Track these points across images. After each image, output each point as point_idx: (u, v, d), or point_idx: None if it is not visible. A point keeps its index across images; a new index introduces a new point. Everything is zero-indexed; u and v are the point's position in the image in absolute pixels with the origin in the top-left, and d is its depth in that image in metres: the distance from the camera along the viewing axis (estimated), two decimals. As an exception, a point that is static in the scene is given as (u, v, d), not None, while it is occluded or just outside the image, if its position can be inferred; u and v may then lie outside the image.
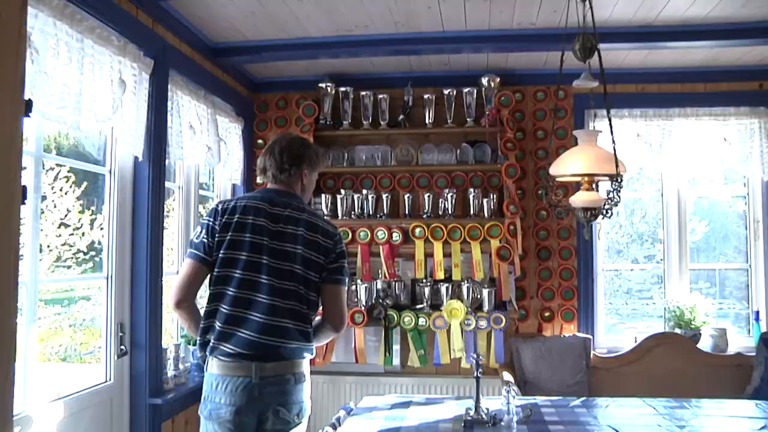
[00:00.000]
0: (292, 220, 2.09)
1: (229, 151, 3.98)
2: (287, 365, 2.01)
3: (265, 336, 1.98)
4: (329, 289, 2.10)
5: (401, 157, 4.18)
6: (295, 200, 2.19)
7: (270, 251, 2.03)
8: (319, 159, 2.31)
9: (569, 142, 4.00)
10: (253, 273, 2.00)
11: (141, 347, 2.92)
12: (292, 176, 2.21)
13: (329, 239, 2.12)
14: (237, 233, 2.03)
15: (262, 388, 1.97)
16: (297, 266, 2.05)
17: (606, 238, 4.36)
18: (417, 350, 3.91)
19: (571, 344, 3.90)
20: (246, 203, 2.11)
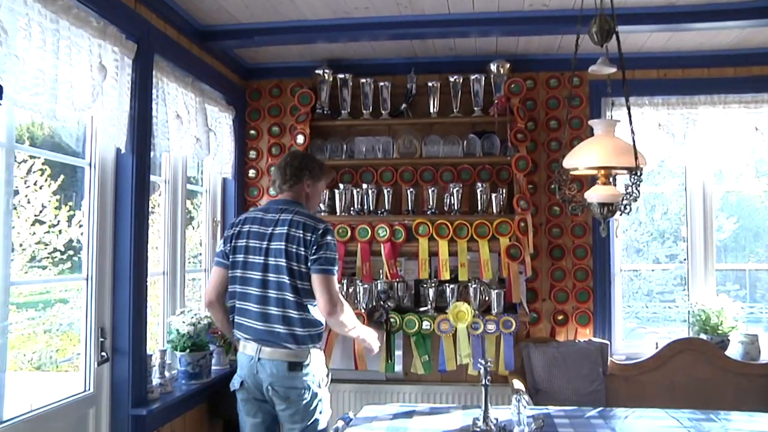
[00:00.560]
0: (280, 221, 2.60)
1: (219, 143, 3.97)
2: (283, 352, 2.54)
3: (259, 322, 2.56)
4: (314, 279, 2.55)
5: (404, 149, 4.18)
6: (294, 206, 2.67)
7: (259, 250, 2.58)
8: (322, 171, 2.80)
9: (585, 133, 4.00)
10: (248, 270, 2.59)
11: (123, 353, 2.91)
12: (294, 186, 2.74)
13: (310, 232, 2.56)
14: (239, 239, 2.64)
15: (260, 368, 2.56)
16: (282, 260, 2.54)
17: (624, 236, 4.35)
18: (421, 356, 3.91)
19: (587, 350, 3.88)
20: (249, 214, 2.71)
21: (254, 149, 4.39)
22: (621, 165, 2.44)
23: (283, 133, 4.36)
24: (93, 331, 2.85)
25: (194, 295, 4.03)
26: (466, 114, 4.11)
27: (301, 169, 2.74)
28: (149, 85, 3.07)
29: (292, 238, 2.56)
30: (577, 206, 2.59)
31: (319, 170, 2.79)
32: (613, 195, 2.49)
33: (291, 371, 2.54)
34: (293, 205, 2.68)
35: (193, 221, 4.07)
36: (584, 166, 2.51)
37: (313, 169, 2.77)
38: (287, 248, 2.56)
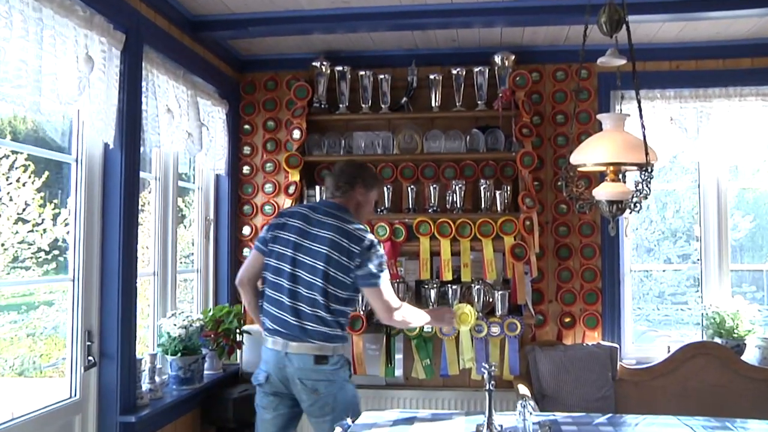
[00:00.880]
0: (326, 225, 2.73)
1: (212, 138, 3.97)
2: (309, 346, 2.67)
3: (291, 317, 2.68)
4: (366, 291, 2.73)
5: (404, 144, 4.18)
6: (341, 212, 2.80)
7: (298, 247, 2.72)
8: (375, 181, 2.95)
9: (593, 128, 4.00)
10: (284, 263, 2.72)
11: (112, 358, 2.90)
12: (346, 194, 2.87)
13: (356, 244, 2.67)
14: (283, 231, 2.77)
15: (288, 361, 2.68)
16: (320, 263, 2.67)
17: (634, 235, 4.34)
18: (422, 360, 3.91)
19: (595, 354, 3.87)
20: (298, 209, 2.86)
21: (249, 145, 4.38)
22: (631, 161, 2.43)
23: (279, 128, 4.35)
24: (79, 335, 2.83)
25: (186, 296, 4.03)
26: (469, 108, 4.10)
27: (354, 177, 2.87)
28: (138, 77, 3.06)
29: (336, 246, 2.68)
30: (585, 204, 2.58)
31: (372, 180, 2.93)
32: (622, 192, 2.48)
33: (317, 364, 2.68)
34: (342, 212, 2.80)
35: (184, 220, 4.07)
36: (592, 162, 2.51)
37: (366, 178, 2.90)
38: (329, 254, 2.68)
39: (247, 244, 4.30)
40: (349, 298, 2.76)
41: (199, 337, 3.55)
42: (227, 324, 3.75)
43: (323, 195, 3.90)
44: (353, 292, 2.75)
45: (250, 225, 4.33)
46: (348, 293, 2.73)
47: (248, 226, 4.32)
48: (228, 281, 4.19)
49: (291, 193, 4.04)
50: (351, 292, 2.74)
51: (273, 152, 4.33)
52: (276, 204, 4.30)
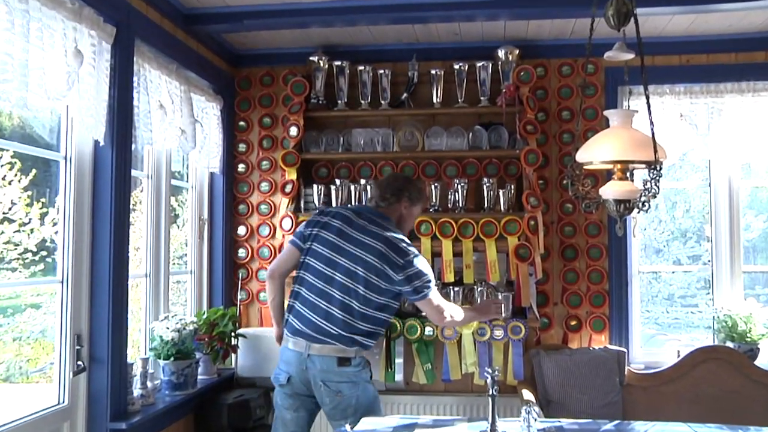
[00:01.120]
0: (372, 233, 2.82)
1: (206, 135, 3.96)
2: (332, 348, 2.75)
3: (318, 317, 2.78)
4: (418, 304, 2.90)
5: (405, 141, 4.17)
6: (386, 222, 2.91)
7: (338, 249, 2.81)
8: (421, 197, 3.10)
9: (600, 124, 3.99)
10: (321, 264, 2.81)
11: (102, 362, 2.89)
12: (392, 205, 3.01)
13: (401, 257, 2.79)
14: (325, 231, 2.85)
15: (310, 363, 2.76)
16: (360, 269, 2.77)
17: (643, 235, 4.32)
18: (423, 364, 3.90)
19: (602, 358, 3.86)
20: (342, 211, 2.95)
21: (244, 142, 4.37)
22: (639, 159, 2.44)
23: (275, 125, 4.34)
24: (68, 339, 2.82)
25: (179, 299, 4.02)
26: (472, 104, 4.09)
27: (401, 190, 3.01)
28: (130, 72, 3.05)
29: (382, 256, 2.78)
30: (592, 203, 2.59)
31: (418, 195, 3.07)
32: (630, 191, 2.49)
33: (340, 366, 2.77)
34: (387, 221, 2.92)
35: (178, 219, 4.07)
36: (599, 160, 2.51)
37: (413, 192, 3.04)
38: (374, 262, 2.78)
39: (242, 245, 4.30)
40: (386, 304, 2.85)
41: (193, 341, 3.54)
42: (222, 327, 3.74)
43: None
44: (391, 299, 2.85)
45: (245, 225, 4.32)
46: (385, 299, 2.83)
47: (243, 226, 4.31)
48: (222, 283, 4.19)
49: (288, 191, 4.03)
50: (388, 299, 2.84)
51: (269, 150, 4.32)
52: (272, 203, 4.29)
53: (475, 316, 3.24)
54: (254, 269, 4.29)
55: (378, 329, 2.87)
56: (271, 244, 4.26)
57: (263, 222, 4.30)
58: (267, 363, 3.90)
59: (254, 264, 4.30)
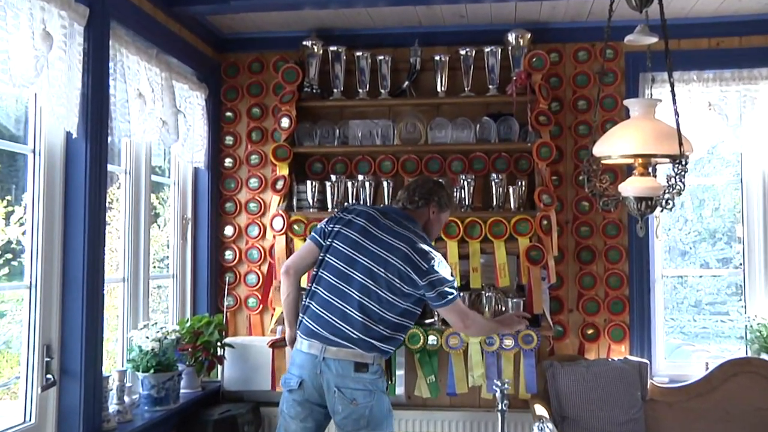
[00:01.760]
0: (398, 234, 2.91)
1: (190, 126, 3.96)
2: (349, 352, 2.80)
3: (335, 318, 2.83)
4: (441, 311, 3.00)
5: (406, 134, 4.17)
6: (412, 224, 2.99)
7: (360, 248, 2.88)
8: (450, 202, 3.19)
9: (619, 115, 3.99)
10: (342, 263, 2.88)
11: (74, 376, 2.87)
12: (419, 209, 3.09)
13: (426, 262, 2.85)
14: (349, 229, 2.92)
15: (325, 367, 2.80)
16: (381, 270, 2.85)
17: (667, 236, 4.32)
18: (426, 376, 3.90)
19: (623, 370, 3.85)
20: (366, 209, 3.03)
21: (231, 134, 4.36)
22: (662, 152, 2.44)
23: (265, 116, 4.33)
24: (36, 350, 2.80)
25: (160, 305, 4.02)
26: (480, 93, 4.09)
27: (430, 194, 3.11)
28: (105, 57, 3.03)
29: (405, 258, 2.86)
30: (610, 201, 2.59)
31: (447, 201, 3.17)
32: (652, 188, 2.49)
33: (357, 372, 2.81)
34: (413, 224, 3.01)
35: (158, 219, 4.07)
36: (618, 154, 2.51)
37: (442, 197, 3.14)
38: (397, 264, 2.85)
39: (229, 246, 4.31)
40: (408, 309, 2.92)
41: (175, 352, 3.54)
42: (207, 336, 3.74)
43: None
44: (413, 304, 2.92)
45: (233, 224, 4.32)
46: (407, 304, 2.90)
47: (231, 226, 4.31)
48: (208, 288, 4.19)
49: (279, 188, 4.04)
50: (410, 303, 2.91)
51: (259, 143, 4.31)
52: (262, 201, 4.28)
53: (497, 328, 3.32)
54: (242, 273, 4.28)
55: (398, 335, 2.93)
56: (261, 245, 4.26)
57: (252, 221, 4.30)
58: (256, 375, 3.93)
59: (242, 267, 4.29)
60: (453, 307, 2.92)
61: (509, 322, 3.28)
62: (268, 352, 3.85)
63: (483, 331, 3.21)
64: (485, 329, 3.23)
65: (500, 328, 3.32)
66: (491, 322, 3.30)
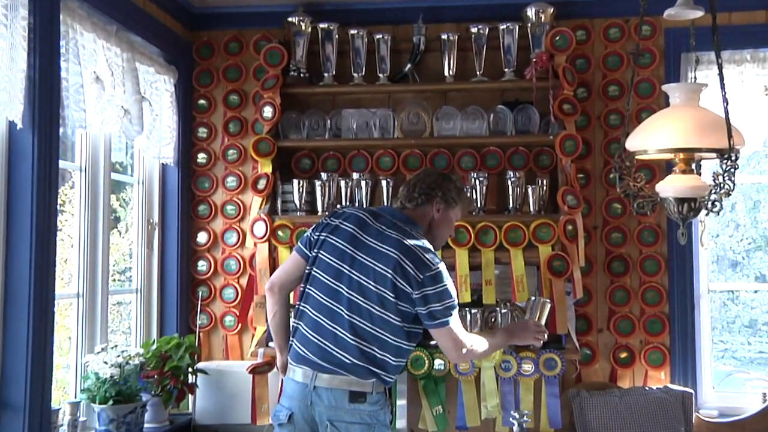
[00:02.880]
0: (389, 239, 2.82)
1: (157, 116, 3.95)
2: (344, 380, 2.76)
3: (325, 341, 2.79)
4: (433, 332, 2.85)
5: (408, 125, 4.15)
6: (410, 227, 2.89)
7: (348, 259, 2.82)
8: (460, 197, 3.05)
9: (657, 102, 3.99)
10: (330, 277, 2.82)
11: (17, 410, 2.82)
12: (420, 207, 2.98)
13: (420, 271, 2.76)
14: (335, 236, 2.86)
15: (316, 397, 2.77)
16: (371, 283, 2.77)
17: (714, 243, 4.36)
18: (432, 407, 3.88)
19: (662, 401, 3.83)
20: (355, 212, 2.95)
21: (205, 125, 4.36)
22: (708, 146, 2.45)
23: (245, 104, 4.33)
24: (-28, 378, 2.80)
25: (121, 325, 4.01)
26: (494, 78, 4.10)
27: (433, 188, 2.98)
28: (55, 35, 3.01)
29: (397, 268, 2.76)
30: (646, 203, 2.59)
31: (456, 195, 3.03)
32: (696, 187, 2.49)
33: (353, 402, 2.75)
34: (410, 226, 2.90)
35: (119, 224, 4.06)
36: (656, 148, 2.52)
37: (448, 191, 3.00)
38: (389, 275, 2.77)
39: (203, 255, 4.30)
40: (410, 331, 2.85)
41: (139, 379, 3.52)
42: (176, 361, 3.71)
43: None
44: (412, 324, 2.84)
45: (207, 230, 4.31)
46: (408, 325, 2.83)
47: (205, 232, 4.30)
48: (178, 304, 4.18)
49: (261, 188, 4.02)
50: (410, 323, 2.83)
51: (237, 135, 4.32)
52: (241, 203, 4.27)
53: (502, 343, 3.14)
54: (218, 287, 4.28)
55: (399, 361, 2.88)
56: (240, 254, 4.25)
57: (229, 227, 4.29)
58: (233, 406, 3.91)
59: (218, 280, 4.29)
60: (448, 331, 2.81)
61: (522, 333, 3.12)
62: (247, 379, 3.83)
63: (484, 352, 3.04)
64: (487, 349, 3.03)
65: (507, 341, 3.15)
66: (497, 336, 3.08)
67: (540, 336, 3.12)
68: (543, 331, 3.13)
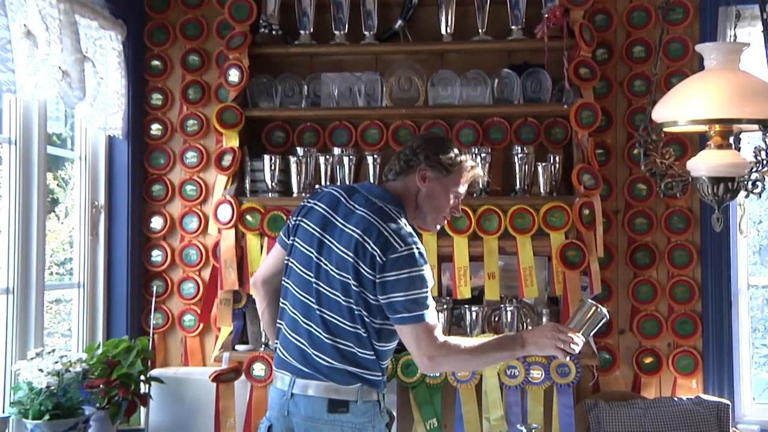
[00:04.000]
0: (354, 216, 2.74)
1: (102, 79, 3.90)
2: (322, 386, 2.72)
3: (302, 340, 2.77)
4: (398, 329, 2.70)
5: (399, 92, 4.15)
6: (386, 202, 2.77)
7: (319, 245, 2.77)
8: (453, 163, 2.84)
9: (690, 65, 4.02)
10: (303, 267, 2.79)
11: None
12: (401, 177, 2.84)
13: (383, 252, 2.64)
14: (305, 219, 2.84)
15: (293, 406, 2.74)
16: (337, 272, 2.71)
17: (757, 231, 4.42)
18: (426, 420, 3.90)
19: (694, 414, 3.84)
20: (331, 189, 2.90)
21: (160, 91, 4.35)
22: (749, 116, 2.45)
23: (207, 66, 4.33)
24: None
25: (59, 326, 3.99)
26: (499, 36, 4.10)
27: (416, 153, 2.84)
28: (-24, -20, 3.00)
29: (361, 252, 2.67)
30: (676, 183, 2.62)
31: (448, 160, 2.84)
32: (734, 164, 2.51)
33: (333, 413, 2.71)
34: (386, 201, 2.79)
35: (57, 207, 4.05)
36: (688, 119, 2.53)
37: (435, 154, 2.83)
38: (354, 262, 2.68)
39: (157, 244, 4.28)
40: (382, 328, 2.75)
41: (81, 389, 3.49)
42: (126, 368, 3.69)
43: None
44: (384, 320, 2.75)
45: (162, 214, 4.30)
46: (378, 321, 2.73)
47: (160, 216, 4.31)
48: (127, 301, 4.18)
49: (226, 166, 4.01)
50: (381, 320, 2.73)
51: (198, 103, 4.31)
52: (202, 182, 4.27)
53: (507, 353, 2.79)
54: (176, 280, 4.28)
55: (383, 363, 2.81)
56: (202, 242, 4.26)
57: (189, 210, 4.29)
58: (194, 420, 3.90)
59: (175, 272, 4.29)
60: (412, 330, 2.66)
61: (541, 340, 2.70)
62: (210, 388, 3.84)
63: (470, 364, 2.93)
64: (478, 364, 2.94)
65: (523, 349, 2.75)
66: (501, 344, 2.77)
67: (566, 344, 2.67)
68: (569, 340, 2.66)
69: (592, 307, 2.72)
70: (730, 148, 2.54)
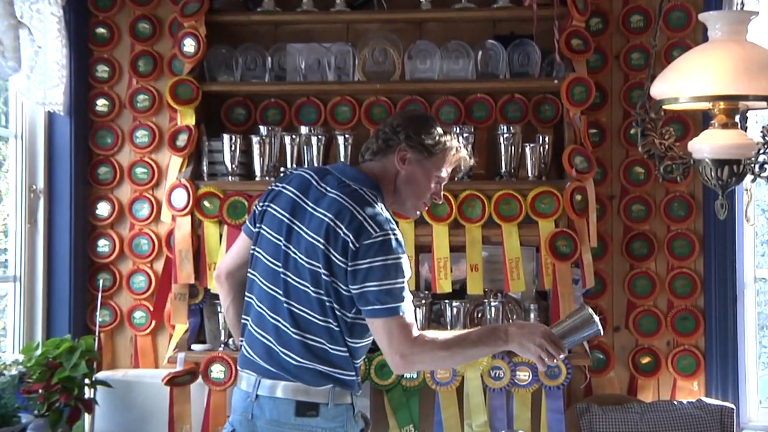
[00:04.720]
0: (327, 203, 2.72)
1: (39, 48, 3.88)
2: (290, 387, 2.70)
3: (268, 336, 2.76)
4: (370, 323, 2.68)
5: (373, 65, 4.18)
6: (359, 183, 2.76)
7: (287, 231, 2.76)
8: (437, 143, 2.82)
9: (692, 36, 4.06)
10: (269, 256, 2.78)
11: None
12: (379, 157, 2.83)
13: (357, 238, 2.62)
14: (272, 204, 2.82)
15: (258, 409, 2.73)
16: (307, 260, 2.69)
17: (765, 218, 4.35)
18: (402, 426, 3.94)
19: (696, 419, 3.87)
20: (301, 171, 2.90)
21: (106, 62, 4.33)
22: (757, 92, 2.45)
23: (158, 35, 4.32)
24: None
25: None
26: (483, 4, 4.11)
27: (396, 132, 2.82)
28: None
29: (333, 237, 2.66)
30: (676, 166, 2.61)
31: (430, 142, 2.82)
32: (740, 145, 2.50)
33: (300, 416, 2.70)
34: (360, 183, 2.77)
35: None
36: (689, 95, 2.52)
37: (417, 134, 2.81)
38: (323, 247, 2.67)
39: (104, 233, 4.26)
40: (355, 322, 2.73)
41: (17, 395, 3.50)
42: (68, 370, 3.67)
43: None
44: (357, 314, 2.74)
45: (109, 200, 4.30)
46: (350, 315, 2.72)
47: (107, 202, 4.30)
48: (70, 296, 4.16)
49: (181, 146, 4.01)
50: (354, 313, 2.72)
51: (149, 76, 4.29)
52: (154, 165, 4.26)
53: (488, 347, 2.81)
54: (124, 273, 4.27)
55: (356, 361, 2.80)
56: (154, 231, 4.27)
57: (140, 195, 4.28)
58: (145, 427, 3.91)
59: (124, 264, 4.28)
60: (384, 324, 2.64)
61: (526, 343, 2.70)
62: (164, 392, 3.84)
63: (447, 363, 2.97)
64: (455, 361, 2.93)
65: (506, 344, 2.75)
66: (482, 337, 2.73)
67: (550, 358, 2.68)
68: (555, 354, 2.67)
69: (589, 319, 2.68)
70: (736, 128, 2.52)
